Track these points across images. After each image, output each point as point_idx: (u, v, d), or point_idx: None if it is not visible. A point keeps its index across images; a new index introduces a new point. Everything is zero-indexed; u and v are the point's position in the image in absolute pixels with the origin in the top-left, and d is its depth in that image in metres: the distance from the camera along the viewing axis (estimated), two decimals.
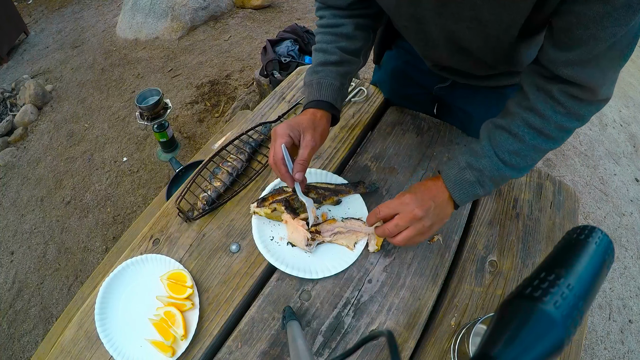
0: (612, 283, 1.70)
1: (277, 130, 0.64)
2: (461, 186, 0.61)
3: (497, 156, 0.59)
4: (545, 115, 0.55)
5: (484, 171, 0.60)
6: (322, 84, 0.69)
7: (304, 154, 0.63)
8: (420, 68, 0.88)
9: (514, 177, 0.62)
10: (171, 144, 2.07)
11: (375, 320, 0.65)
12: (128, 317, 0.66)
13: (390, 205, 0.61)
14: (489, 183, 0.61)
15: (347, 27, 0.70)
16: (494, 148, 0.59)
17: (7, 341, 1.62)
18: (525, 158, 0.59)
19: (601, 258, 0.29)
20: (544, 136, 0.57)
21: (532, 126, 0.57)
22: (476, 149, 0.61)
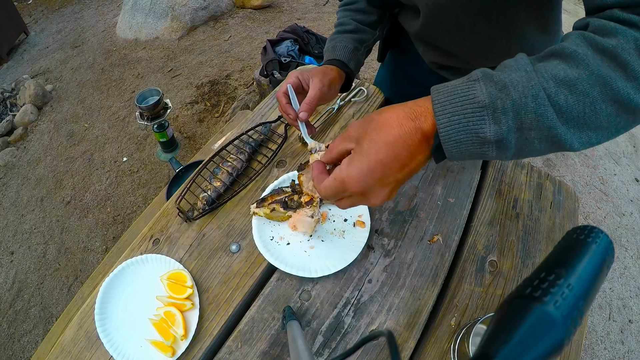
0: (612, 283, 1.70)
1: (289, 74, 0.67)
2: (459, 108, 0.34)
3: (537, 77, 0.33)
4: (619, 31, 0.33)
5: (509, 89, 0.33)
6: (337, 47, 0.73)
7: (311, 95, 0.64)
8: (422, 67, 0.88)
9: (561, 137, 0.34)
10: (171, 144, 2.07)
11: (375, 320, 0.65)
12: (128, 317, 0.66)
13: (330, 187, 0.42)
14: (509, 118, 0.33)
15: (361, 3, 0.77)
16: (535, 68, 0.34)
17: (7, 341, 1.62)
18: (584, 100, 0.33)
19: (601, 258, 0.29)
20: (619, 66, 0.33)
21: (599, 47, 0.34)
22: (506, 62, 0.36)
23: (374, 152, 0.37)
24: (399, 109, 0.38)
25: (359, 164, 0.38)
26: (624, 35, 0.33)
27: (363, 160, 0.38)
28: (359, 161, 0.38)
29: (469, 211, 0.79)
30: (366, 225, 0.74)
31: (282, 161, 0.87)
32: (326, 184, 0.41)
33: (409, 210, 0.78)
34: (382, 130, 0.37)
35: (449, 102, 0.35)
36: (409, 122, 0.37)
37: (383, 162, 0.37)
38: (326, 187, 0.41)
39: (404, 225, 0.76)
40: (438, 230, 0.75)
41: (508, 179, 0.85)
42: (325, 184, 0.41)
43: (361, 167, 0.38)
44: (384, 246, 0.73)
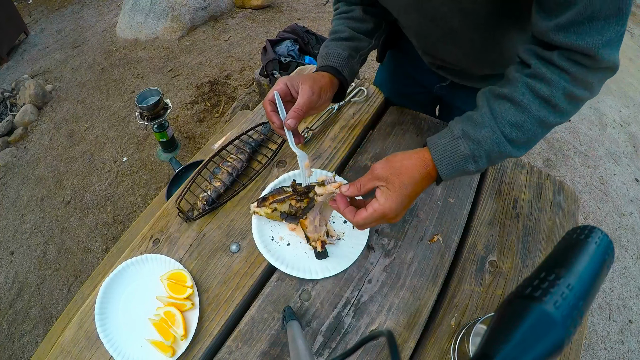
0: (612, 283, 1.70)
1: (277, 81, 0.64)
2: (451, 159, 0.53)
3: (499, 129, 0.51)
4: (552, 81, 0.49)
5: (482, 143, 0.52)
6: (330, 54, 0.70)
7: (300, 102, 0.61)
8: (421, 67, 0.88)
9: (513, 155, 0.54)
10: (171, 144, 2.06)
11: (375, 320, 0.65)
12: (128, 317, 0.66)
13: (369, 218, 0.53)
14: (484, 159, 0.53)
15: (356, 11, 0.75)
16: (495, 119, 0.52)
17: (7, 341, 1.62)
18: (528, 132, 0.52)
19: (601, 258, 0.29)
20: (551, 107, 0.50)
21: (538, 94, 0.50)
22: (475, 118, 0.53)
23: (405, 190, 0.52)
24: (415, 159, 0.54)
25: (396, 198, 0.52)
26: (555, 85, 0.49)
27: (398, 196, 0.52)
28: (395, 197, 0.52)
29: (469, 211, 0.79)
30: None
31: (282, 161, 0.87)
32: (366, 217, 0.53)
33: (409, 210, 0.78)
34: (407, 174, 0.52)
35: (444, 157, 0.53)
36: (423, 169, 0.54)
37: (409, 195, 0.53)
38: (366, 219, 0.53)
39: (404, 226, 0.76)
40: (438, 230, 0.75)
41: (508, 179, 0.85)
42: (365, 217, 0.53)
43: (397, 200, 0.52)
44: (384, 246, 0.73)
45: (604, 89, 2.37)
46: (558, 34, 0.46)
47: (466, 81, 0.81)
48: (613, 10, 0.43)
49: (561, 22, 0.46)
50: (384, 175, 0.52)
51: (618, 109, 2.58)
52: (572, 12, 0.44)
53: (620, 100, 2.65)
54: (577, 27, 0.45)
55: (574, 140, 2.32)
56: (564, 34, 0.46)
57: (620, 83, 2.79)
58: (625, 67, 2.95)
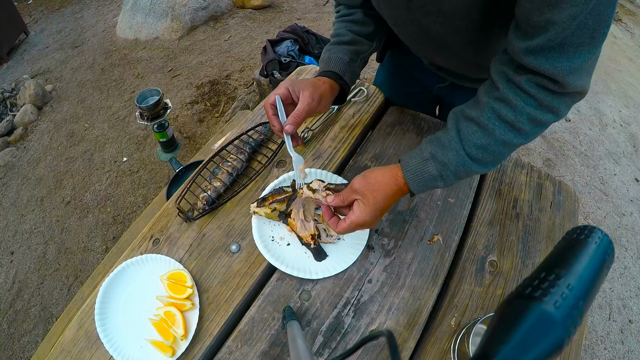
0: (612, 283, 1.70)
1: (280, 84, 0.65)
2: (420, 178, 0.58)
3: (464, 150, 0.55)
4: (517, 107, 0.51)
5: (448, 165, 0.56)
6: (332, 58, 0.71)
7: (299, 108, 0.62)
8: (421, 68, 0.88)
9: (479, 172, 0.59)
10: (171, 144, 2.06)
11: (375, 320, 0.65)
12: (128, 317, 0.66)
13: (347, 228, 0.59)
14: (451, 177, 0.57)
15: (358, 14, 0.75)
16: (461, 141, 0.55)
17: (7, 341, 1.62)
18: (493, 153, 0.55)
19: (601, 258, 0.29)
20: (515, 130, 0.53)
21: (503, 119, 0.52)
22: (443, 140, 0.57)
23: (378, 202, 0.57)
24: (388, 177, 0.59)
25: (370, 212, 0.57)
26: (520, 111, 0.51)
27: (372, 209, 0.57)
28: (369, 210, 0.57)
29: (469, 211, 0.79)
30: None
31: (282, 161, 0.87)
32: (345, 227, 0.59)
33: (409, 211, 0.78)
34: (380, 190, 0.58)
35: (414, 176, 0.58)
36: (395, 186, 0.59)
37: (382, 208, 0.58)
38: (345, 229, 0.59)
39: (404, 225, 0.76)
40: (438, 230, 0.75)
41: (508, 179, 0.85)
42: (344, 227, 0.59)
43: (370, 213, 0.57)
44: (384, 246, 0.73)
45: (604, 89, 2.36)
46: (528, 56, 0.47)
47: (466, 82, 0.82)
48: (586, 38, 0.44)
49: (532, 45, 0.46)
50: (360, 190, 0.58)
51: (618, 109, 2.58)
52: (544, 37, 0.44)
53: (620, 100, 2.65)
54: (547, 52, 0.46)
55: (574, 140, 2.32)
56: (533, 57, 0.47)
57: (620, 83, 2.79)
58: (625, 67, 2.95)
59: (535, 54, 0.47)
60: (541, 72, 0.47)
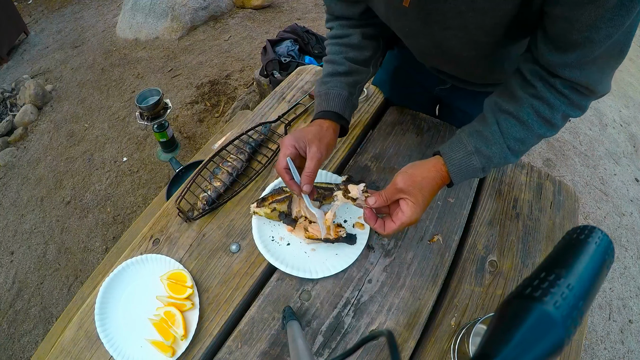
0: (612, 283, 1.70)
1: (284, 141, 0.64)
2: (465, 172, 0.59)
3: (505, 143, 0.58)
4: (554, 106, 0.55)
5: (492, 158, 0.58)
6: (330, 94, 0.69)
7: (310, 166, 0.62)
8: (422, 69, 0.88)
9: (511, 162, 0.62)
10: (171, 144, 2.06)
11: (375, 320, 0.65)
12: (128, 317, 0.66)
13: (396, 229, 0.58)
14: (490, 169, 0.60)
15: (355, 37, 0.71)
16: (503, 135, 0.58)
17: (7, 341, 1.62)
18: (528, 145, 0.59)
19: (601, 258, 0.29)
20: (549, 125, 0.57)
21: (540, 115, 0.56)
22: (485, 134, 0.59)
23: (426, 199, 0.57)
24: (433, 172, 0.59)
25: (420, 210, 0.57)
26: (556, 109, 0.55)
27: (421, 207, 0.57)
28: (419, 208, 0.57)
29: (469, 211, 0.79)
30: (365, 226, 0.74)
31: None
32: (395, 228, 0.58)
33: None
34: (427, 187, 0.58)
35: (459, 170, 0.59)
36: (440, 181, 0.59)
37: (429, 201, 0.59)
38: (395, 230, 0.58)
39: None
40: (438, 230, 0.75)
41: (508, 179, 0.85)
42: (394, 229, 0.58)
43: (421, 210, 0.57)
44: (384, 246, 0.73)
45: None
46: (563, 69, 0.51)
47: (467, 85, 0.82)
48: (616, 52, 0.48)
49: (568, 61, 0.50)
50: (407, 189, 0.57)
51: (618, 109, 2.58)
52: (580, 53, 0.48)
53: (620, 100, 2.65)
54: (581, 65, 0.50)
55: (574, 140, 2.32)
56: (568, 70, 0.51)
57: (621, 83, 2.79)
58: (625, 67, 2.95)
59: (570, 68, 0.51)
60: (577, 82, 0.52)
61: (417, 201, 0.56)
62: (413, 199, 0.56)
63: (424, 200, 0.57)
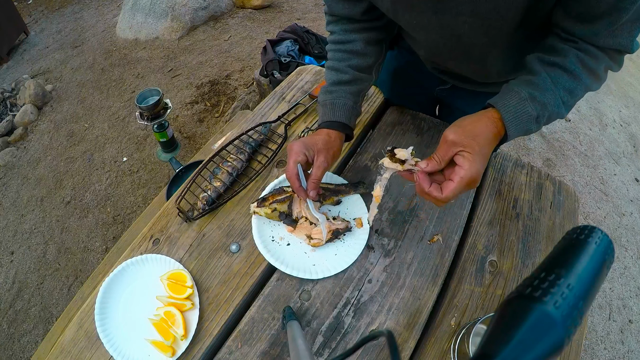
0: (612, 283, 1.70)
1: (293, 147, 0.67)
2: (520, 119, 0.54)
3: (558, 94, 0.55)
4: (598, 57, 0.54)
5: (547, 106, 0.55)
6: (336, 104, 0.71)
7: (317, 174, 0.66)
8: (422, 69, 0.88)
9: (562, 116, 0.59)
10: (171, 144, 2.06)
11: (375, 320, 0.65)
12: (128, 317, 0.66)
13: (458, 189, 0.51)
14: (544, 120, 0.56)
15: (357, 43, 0.71)
16: (554, 84, 0.55)
17: (7, 341, 1.62)
18: (575, 97, 0.57)
19: (601, 258, 0.29)
20: (594, 77, 0.56)
21: (586, 65, 0.55)
22: (536, 82, 0.56)
23: (484, 150, 0.52)
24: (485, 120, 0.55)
25: (480, 161, 0.52)
26: (600, 60, 0.55)
27: (480, 158, 0.52)
28: (479, 159, 0.51)
29: (469, 211, 0.79)
30: (365, 225, 0.74)
31: (282, 161, 0.87)
32: (455, 188, 0.51)
33: (409, 210, 0.78)
34: (482, 135, 0.53)
35: (515, 118, 0.55)
36: (495, 129, 0.54)
37: (487, 156, 0.54)
38: (455, 190, 0.52)
39: (404, 225, 0.76)
40: (438, 230, 0.75)
41: (508, 179, 0.85)
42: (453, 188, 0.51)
43: (481, 162, 0.52)
44: (384, 246, 0.73)
45: (604, 89, 2.37)
46: (596, 39, 0.53)
47: (468, 85, 0.82)
48: None
49: (597, 31, 0.52)
50: (459, 141, 0.52)
51: (618, 109, 2.58)
52: (606, 21, 0.50)
53: (620, 100, 2.65)
54: (613, 33, 0.51)
55: (574, 140, 2.32)
56: (602, 39, 0.53)
57: (620, 83, 2.78)
58: (625, 67, 2.95)
59: (602, 37, 0.52)
60: (611, 47, 0.53)
61: (474, 150, 0.51)
62: (469, 149, 0.51)
63: (480, 149, 0.51)
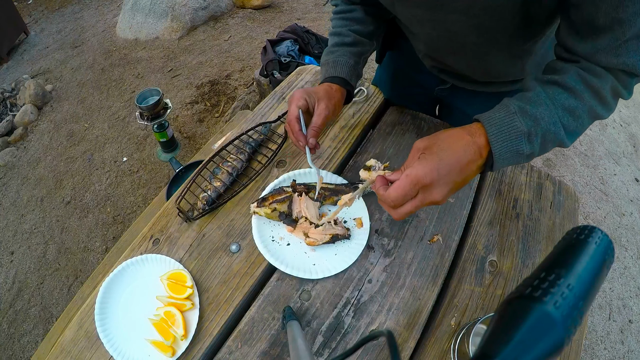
0: (612, 283, 1.70)
1: (294, 94, 0.67)
2: (507, 135, 0.48)
3: (555, 112, 0.49)
4: (602, 75, 0.49)
5: (539, 121, 0.48)
6: (338, 62, 0.72)
7: (318, 121, 0.65)
8: (421, 69, 0.88)
9: (563, 143, 0.52)
10: (171, 144, 2.07)
11: (375, 320, 0.65)
12: (128, 317, 0.66)
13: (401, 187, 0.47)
14: (539, 138, 0.49)
15: (358, 12, 0.75)
16: (550, 99, 0.50)
17: (7, 341, 1.62)
18: (578, 120, 0.50)
19: (601, 258, 0.29)
20: (599, 98, 0.50)
21: (588, 84, 0.49)
22: (530, 96, 0.51)
23: (443, 154, 0.46)
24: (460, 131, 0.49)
25: (431, 161, 0.46)
26: (604, 79, 0.49)
27: (434, 158, 0.46)
28: (431, 160, 0.46)
29: (469, 211, 0.79)
30: (365, 226, 0.74)
31: (282, 161, 0.87)
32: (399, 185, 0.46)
33: None
34: (448, 140, 0.48)
35: (499, 132, 0.48)
36: (468, 137, 0.48)
37: (448, 162, 0.46)
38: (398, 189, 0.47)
39: (404, 225, 0.76)
40: (438, 230, 0.75)
41: (508, 179, 0.85)
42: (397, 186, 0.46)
43: (432, 163, 0.46)
44: (384, 246, 0.73)
45: None
46: (599, 57, 0.48)
47: (468, 85, 0.82)
48: None
49: (600, 47, 0.47)
50: (422, 146, 0.49)
51: (618, 109, 2.58)
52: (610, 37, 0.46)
53: (620, 100, 2.65)
54: (617, 49, 0.47)
55: None
56: (604, 57, 0.48)
57: None
58: None
59: (605, 54, 0.48)
60: (613, 66, 0.48)
61: (430, 152, 0.47)
62: (427, 151, 0.48)
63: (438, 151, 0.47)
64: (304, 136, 0.65)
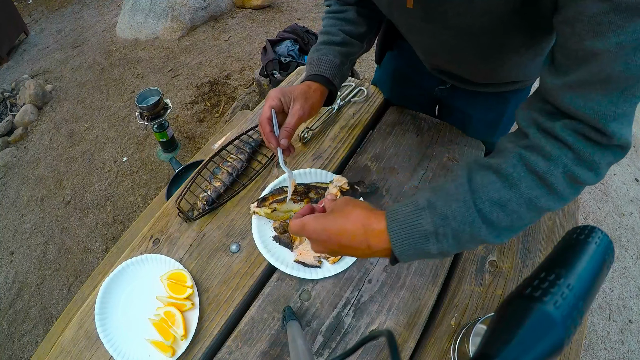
0: (612, 283, 1.70)
1: (270, 93, 0.64)
2: (410, 233, 0.43)
3: (474, 204, 0.42)
4: (552, 156, 0.40)
5: (449, 220, 0.42)
6: (322, 60, 0.69)
7: (291, 122, 0.62)
8: (421, 70, 0.88)
9: (488, 241, 0.43)
10: (171, 144, 2.07)
11: (375, 320, 0.65)
12: (128, 317, 0.66)
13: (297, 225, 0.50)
14: (449, 239, 0.42)
15: (350, 12, 0.73)
16: (472, 192, 0.42)
17: (7, 341, 1.62)
18: (511, 215, 0.42)
19: (601, 258, 0.29)
20: (545, 186, 0.41)
21: (532, 168, 0.41)
22: (447, 188, 0.44)
23: (328, 226, 0.47)
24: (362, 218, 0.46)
25: (318, 224, 0.48)
26: (555, 161, 0.40)
27: (320, 224, 0.48)
28: (319, 223, 0.48)
29: None
30: None
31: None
32: (295, 222, 0.50)
33: None
34: (343, 218, 0.47)
35: (401, 229, 0.43)
36: (361, 233, 0.45)
37: (329, 235, 0.47)
38: (293, 223, 0.50)
39: None
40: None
41: None
42: (294, 221, 0.51)
43: (317, 226, 0.48)
44: None
45: None
46: (565, 93, 0.40)
47: (468, 85, 0.82)
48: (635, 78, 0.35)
49: (569, 81, 0.39)
50: (334, 208, 0.49)
51: None
52: (585, 69, 0.37)
53: None
54: (586, 89, 0.38)
55: None
56: (570, 95, 0.39)
57: None
58: None
59: (572, 91, 0.39)
60: (579, 115, 0.39)
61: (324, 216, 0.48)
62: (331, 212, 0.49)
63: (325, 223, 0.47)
64: (275, 138, 0.62)
